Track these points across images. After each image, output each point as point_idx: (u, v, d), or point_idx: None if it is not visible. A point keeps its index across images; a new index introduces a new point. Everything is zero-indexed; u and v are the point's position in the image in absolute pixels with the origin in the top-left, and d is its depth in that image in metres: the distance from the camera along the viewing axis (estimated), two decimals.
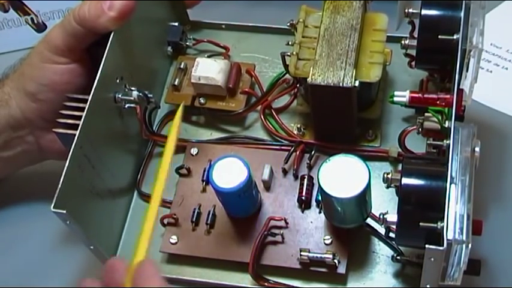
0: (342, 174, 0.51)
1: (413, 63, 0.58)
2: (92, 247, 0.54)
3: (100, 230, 0.56)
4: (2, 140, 0.60)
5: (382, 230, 0.56)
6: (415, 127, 0.55)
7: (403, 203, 0.48)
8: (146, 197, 0.61)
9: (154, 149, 0.63)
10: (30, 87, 0.57)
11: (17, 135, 0.60)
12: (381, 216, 0.50)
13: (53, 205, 0.49)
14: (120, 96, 0.57)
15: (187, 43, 0.66)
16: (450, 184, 0.46)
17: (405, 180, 0.49)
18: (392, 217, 0.50)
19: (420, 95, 0.53)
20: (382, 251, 0.57)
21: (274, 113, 0.62)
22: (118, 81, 0.57)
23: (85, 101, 0.54)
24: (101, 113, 0.55)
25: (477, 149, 0.52)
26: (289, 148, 0.60)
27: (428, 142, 0.51)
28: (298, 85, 0.61)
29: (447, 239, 0.44)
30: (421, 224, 0.46)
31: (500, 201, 0.60)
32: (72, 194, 0.51)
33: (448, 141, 0.48)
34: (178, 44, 0.66)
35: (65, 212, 0.49)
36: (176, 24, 0.66)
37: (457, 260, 0.47)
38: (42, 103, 0.57)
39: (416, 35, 0.57)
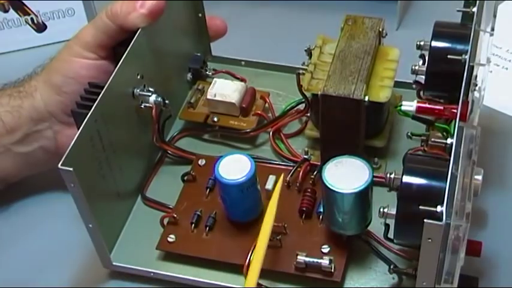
0: (345, 173, 0.52)
1: (421, 92, 0.60)
2: (90, 225, 0.54)
3: (100, 217, 0.56)
4: (22, 133, 0.61)
5: (380, 247, 0.56)
6: (418, 148, 0.57)
7: (402, 194, 0.49)
8: (149, 202, 0.62)
9: (164, 158, 0.64)
10: (56, 79, 0.60)
11: (36, 129, 0.61)
12: (381, 210, 0.51)
13: (61, 163, 0.50)
14: (138, 91, 0.59)
15: (207, 72, 0.70)
16: (452, 172, 0.46)
17: (406, 177, 0.49)
18: (392, 210, 0.50)
19: (427, 104, 0.54)
20: (379, 267, 0.56)
21: (283, 137, 0.64)
22: (138, 77, 0.59)
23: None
24: (118, 100, 0.56)
25: (479, 177, 0.53)
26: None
27: (432, 139, 0.52)
28: (307, 114, 0.63)
29: (446, 219, 0.44)
30: (420, 207, 0.46)
31: (501, 200, 0.60)
32: (80, 161, 0.51)
33: (452, 140, 0.49)
34: (199, 71, 0.69)
35: (71, 169, 0.50)
36: (199, 54, 0.70)
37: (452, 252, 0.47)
38: (66, 96, 0.60)
39: (418, 65, 0.60)
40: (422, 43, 0.60)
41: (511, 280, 0.55)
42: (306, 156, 0.62)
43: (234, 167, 0.55)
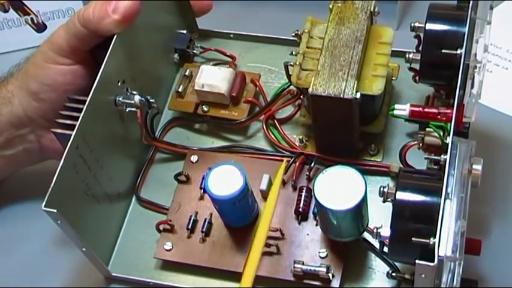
0: (338, 186, 0.51)
1: (417, 77, 0.57)
2: (84, 249, 0.54)
3: (94, 233, 0.56)
4: (3, 138, 0.60)
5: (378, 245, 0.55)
6: (416, 142, 0.55)
7: (396, 217, 0.47)
8: (144, 203, 0.61)
9: (155, 155, 0.63)
10: (33, 86, 0.58)
11: (18, 133, 0.60)
12: (375, 230, 0.49)
13: (44, 204, 0.49)
14: (120, 99, 0.56)
15: (195, 51, 0.66)
16: (445, 199, 0.45)
17: (400, 194, 0.48)
18: (386, 231, 0.49)
19: (420, 108, 0.52)
20: (378, 267, 0.56)
21: (277, 124, 0.62)
22: (119, 84, 0.57)
23: (85, 102, 0.54)
24: (99, 114, 0.54)
25: (478, 167, 0.51)
26: (289, 160, 0.59)
27: (426, 156, 0.50)
28: (301, 96, 0.60)
29: (439, 256, 0.43)
30: (413, 239, 0.45)
31: (501, 201, 0.59)
32: (65, 193, 0.51)
33: (445, 156, 0.47)
34: (185, 51, 0.66)
35: (55, 211, 0.49)
36: (184, 32, 0.66)
37: (450, 278, 0.46)
38: (44, 102, 0.58)
39: (412, 53, 0.57)
40: (417, 24, 0.56)
41: (511, 281, 0.54)
42: (301, 145, 0.61)
43: (225, 179, 0.54)
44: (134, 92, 0.57)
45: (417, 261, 0.43)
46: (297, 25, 0.59)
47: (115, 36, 0.55)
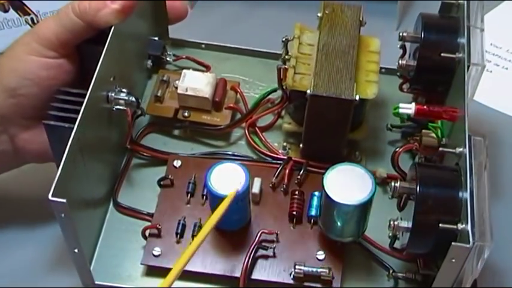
0: (347, 183, 0.51)
1: (404, 86, 0.59)
2: (76, 250, 0.50)
3: (82, 236, 0.52)
4: None
5: (375, 250, 0.55)
6: (409, 145, 0.56)
7: (419, 207, 0.48)
8: (122, 208, 0.57)
9: (132, 159, 0.60)
10: (10, 81, 0.54)
11: None
12: (391, 223, 0.49)
13: (51, 193, 0.45)
14: (113, 95, 0.54)
15: (168, 58, 0.65)
16: (472, 186, 0.46)
17: (422, 185, 0.48)
18: (405, 223, 0.49)
19: (426, 107, 0.53)
20: (378, 268, 0.55)
21: (258, 131, 0.61)
22: (112, 79, 0.54)
23: (78, 95, 0.52)
24: (94, 108, 0.52)
25: None
26: (277, 166, 0.58)
27: (441, 149, 0.51)
28: (287, 102, 0.60)
29: (473, 239, 0.44)
30: (440, 225, 0.46)
31: (501, 201, 0.61)
32: (68, 186, 0.47)
33: (460, 149, 0.49)
34: (159, 58, 0.64)
35: (65, 201, 0.45)
36: (156, 38, 0.64)
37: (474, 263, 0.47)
38: (23, 98, 0.54)
39: (405, 59, 0.59)
40: (405, 34, 0.58)
41: (511, 280, 0.56)
42: (284, 151, 0.60)
43: (227, 178, 0.52)
44: (123, 90, 0.55)
45: (453, 243, 0.44)
46: (286, 30, 0.59)
47: (112, 28, 0.53)
